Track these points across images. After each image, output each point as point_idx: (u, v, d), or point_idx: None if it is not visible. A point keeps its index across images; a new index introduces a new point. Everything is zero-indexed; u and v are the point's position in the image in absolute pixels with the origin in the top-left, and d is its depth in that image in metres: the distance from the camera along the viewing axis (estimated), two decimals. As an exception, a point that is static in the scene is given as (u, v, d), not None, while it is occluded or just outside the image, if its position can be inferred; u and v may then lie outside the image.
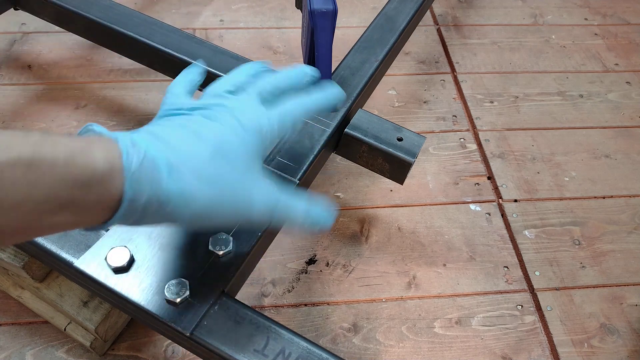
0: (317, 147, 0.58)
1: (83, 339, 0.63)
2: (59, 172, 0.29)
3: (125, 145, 0.33)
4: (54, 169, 0.29)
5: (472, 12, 1.21)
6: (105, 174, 0.31)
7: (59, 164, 0.29)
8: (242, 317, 0.44)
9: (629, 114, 1.02)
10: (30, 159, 0.28)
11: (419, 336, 0.71)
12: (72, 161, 0.30)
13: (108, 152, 0.32)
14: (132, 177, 0.32)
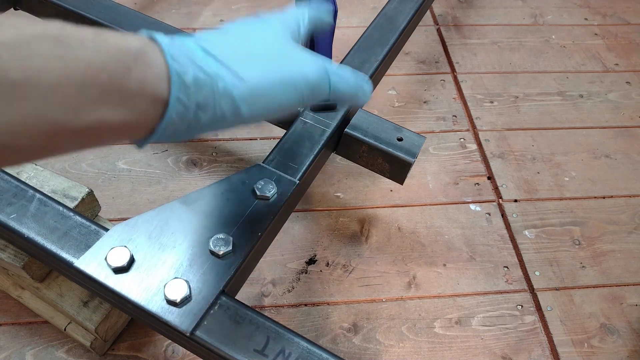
0: (317, 147, 0.58)
1: (83, 339, 0.63)
2: (90, 46, 0.27)
3: (149, 32, 0.31)
4: (83, 43, 0.27)
5: (472, 12, 1.21)
6: (139, 50, 0.29)
7: (88, 38, 0.27)
8: (242, 317, 0.44)
9: (629, 114, 1.02)
10: (58, 34, 0.26)
11: (419, 336, 0.71)
12: (101, 37, 0.28)
13: (136, 35, 0.30)
14: (169, 51, 0.30)
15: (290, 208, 0.56)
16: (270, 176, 0.53)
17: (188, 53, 0.31)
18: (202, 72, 0.31)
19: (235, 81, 0.33)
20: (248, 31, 0.36)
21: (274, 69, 0.35)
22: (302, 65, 0.37)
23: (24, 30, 0.26)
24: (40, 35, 0.26)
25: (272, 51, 0.36)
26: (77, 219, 0.49)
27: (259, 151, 0.90)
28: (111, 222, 0.66)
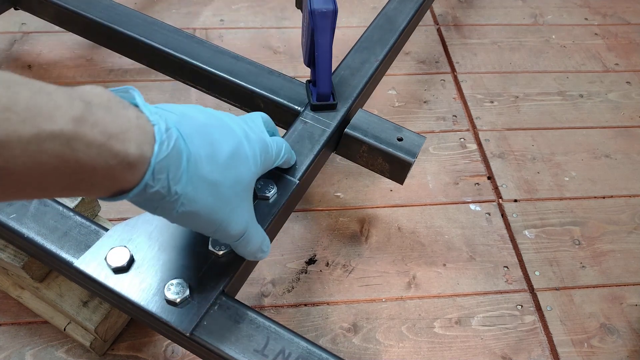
0: (317, 147, 0.58)
1: (83, 339, 0.63)
2: (93, 153, 0.30)
3: (160, 133, 0.33)
4: (89, 149, 0.30)
5: (472, 12, 1.21)
6: (132, 162, 0.32)
7: (95, 145, 0.30)
8: (242, 317, 0.44)
9: (629, 114, 1.02)
10: (71, 136, 0.29)
11: (419, 336, 0.71)
12: (107, 147, 0.30)
13: (142, 141, 0.32)
14: (155, 167, 0.33)
15: (290, 208, 0.56)
16: (270, 176, 0.53)
17: (173, 169, 0.34)
18: (165, 191, 0.35)
19: (183, 204, 0.36)
20: (244, 154, 0.41)
21: (219, 210, 0.39)
22: (238, 217, 0.41)
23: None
24: (54, 136, 0.29)
25: (235, 189, 0.40)
26: (77, 218, 0.49)
27: (259, 151, 0.90)
28: (111, 222, 0.66)
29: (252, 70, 0.66)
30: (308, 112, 0.61)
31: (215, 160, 0.38)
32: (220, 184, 0.38)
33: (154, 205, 0.36)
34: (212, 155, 0.37)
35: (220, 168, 0.38)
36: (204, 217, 0.38)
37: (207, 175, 0.37)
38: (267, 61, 1.04)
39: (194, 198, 0.36)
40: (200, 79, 0.68)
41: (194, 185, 0.36)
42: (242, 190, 0.40)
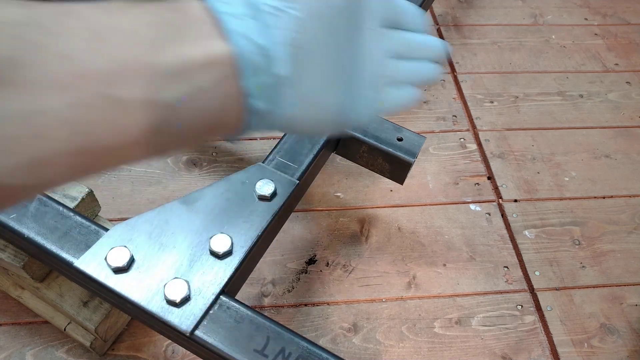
0: (317, 147, 0.58)
1: (83, 339, 0.63)
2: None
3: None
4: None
5: (472, 12, 1.21)
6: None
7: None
8: (242, 317, 0.44)
9: (629, 114, 1.02)
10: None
11: (419, 336, 0.71)
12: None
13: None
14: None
15: (290, 208, 0.56)
16: (270, 176, 0.53)
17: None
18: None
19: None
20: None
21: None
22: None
23: None
24: None
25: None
26: (77, 218, 0.49)
27: (259, 151, 0.90)
28: (111, 222, 0.66)
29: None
30: (308, 112, 0.61)
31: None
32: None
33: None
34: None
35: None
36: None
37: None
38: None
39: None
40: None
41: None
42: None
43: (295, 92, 0.28)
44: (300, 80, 0.28)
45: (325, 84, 0.30)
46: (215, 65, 0.25)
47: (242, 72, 0.26)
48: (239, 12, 0.26)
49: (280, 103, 0.28)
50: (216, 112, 0.26)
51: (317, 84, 0.29)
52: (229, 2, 0.26)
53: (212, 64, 0.25)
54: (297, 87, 0.28)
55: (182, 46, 0.24)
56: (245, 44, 0.26)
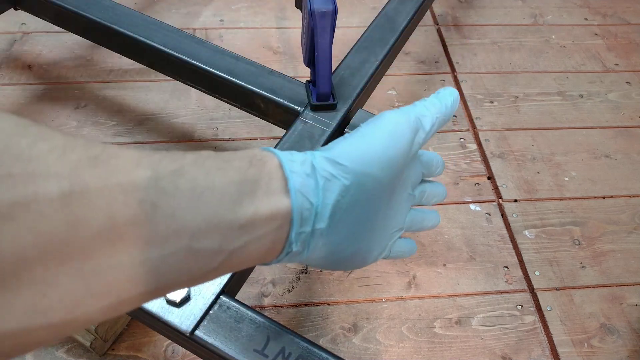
0: (317, 147, 0.58)
1: (83, 339, 0.63)
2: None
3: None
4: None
5: (472, 12, 1.21)
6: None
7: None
8: (242, 317, 0.44)
9: (629, 114, 1.02)
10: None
11: (419, 336, 0.71)
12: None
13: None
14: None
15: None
16: None
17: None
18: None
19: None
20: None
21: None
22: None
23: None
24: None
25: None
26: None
27: (259, 151, 0.90)
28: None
29: (252, 70, 0.66)
30: (308, 112, 0.61)
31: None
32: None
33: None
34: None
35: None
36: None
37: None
38: (267, 61, 1.04)
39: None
40: (200, 79, 0.68)
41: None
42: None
43: (325, 241, 0.33)
44: (331, 234, 0.33)
45: (352, 237, 0.35)
46: (276, 218, 0.29)
47: (293, 223, 0.30)
48: (301, 172, 0.31)
49: (311, 248, 0.33)
50: (263, 252, 0.30)
51: (344, 238, 0.34)
52: (294, 161, 0.31)
53: (275, 217, 0.29)
54: (328, 238, 0.33)
55: (255, 201, 0.28)
56: (301, 201, 0.30)
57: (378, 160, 0.34)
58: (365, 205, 0.35)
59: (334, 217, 0.33)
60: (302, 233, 0.31)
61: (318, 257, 0.34)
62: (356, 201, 0.34)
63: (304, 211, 0.31)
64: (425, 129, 0.37)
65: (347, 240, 0.35)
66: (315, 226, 0.32)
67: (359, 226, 0.35)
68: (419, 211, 0.44)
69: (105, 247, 0.22)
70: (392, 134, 0.35)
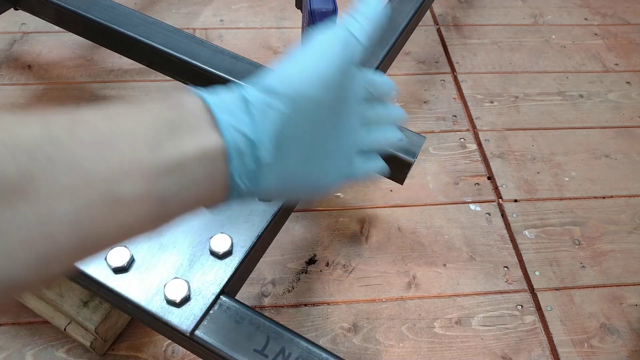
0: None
1: (83, 339, 0.63)
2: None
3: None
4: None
5: (472, 12, 1.21)
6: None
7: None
8: (242, 317, 0.44)
9: (629, 114, 1.02)
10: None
11: (419, 336, 0.71)
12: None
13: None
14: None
15: (290, 208, 0.56)
16: None
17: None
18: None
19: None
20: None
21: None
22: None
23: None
24: None
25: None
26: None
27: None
28: (111, 222, 0.66)
29: (252, 70, 0.66)
30: (308, 112, 0.61)
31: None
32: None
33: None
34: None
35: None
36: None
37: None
38: (267, 61, 1.04)
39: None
40: (200, 79, 0.68)
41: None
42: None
43: (277, 174, 0.32)
44: (280, 164, 0.32)
45: (303, 164, 0.34)
46: (208, 156, 0.28)
47: (230, 159, 0.29)
48: (230, 107, 0.30)
49: (260, 182, 0.32)
50: (203, 193, 0.29)
51: (295, 165, 0.34)
52: (221, 97, 0.30)
53: (205, 156, 0.28)
54: (276, 170, 0.32)
55: (179, 142, 0.27)
56: (235, 135, 0.29)
57: (313, 80, 0.33)
58: (309, 129, 0.33)
59: (280, 147, 0.32)
60: (246, 168, 0.30)
61: (273, 191, 0.33)
62: (300, 127, 0.33)
63: (240, 145, 0.30)
64: (359, 42, 0.36)
65: (300, 168, 0.34)
66: (260, 160, 0.31)
67: (309, 152, 0.34)
68: (377, 130, 0.42)
69: (3, 205, 0.22)
70: (323, 52, 0.34)
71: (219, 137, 0.29)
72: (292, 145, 0.33)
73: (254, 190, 0.32)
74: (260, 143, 0.31)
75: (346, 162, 0.39)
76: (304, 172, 0.35)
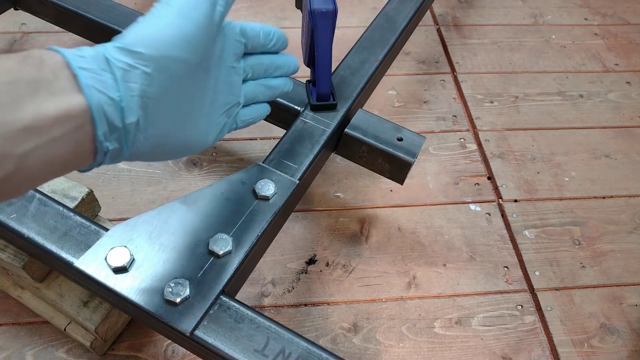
0: (317, 147, 0.58)
1: (83, 339, 0.63)
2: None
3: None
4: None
5: (472, 12, 1.21)
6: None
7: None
8: (242, 317, 0.44)
9: (629, 114, 1.02)
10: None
11: (419, 336, 0.71)
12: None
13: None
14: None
15: (290, 208, 0.56)
16: (270, 176, 0.53)
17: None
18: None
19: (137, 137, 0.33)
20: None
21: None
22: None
23: None
24: None
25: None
26: (77, 219, 0.49)
27: (259, 151, 0.90)
28: (111, 222, 0.66)
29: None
30: (308, 112, 0.61)
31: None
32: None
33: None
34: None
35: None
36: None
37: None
38: (267, 61, 1.04)
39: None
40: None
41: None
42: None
43: (147, 134, 0.32)
44: (149, 124, 0.32)
45: (175, 123, 0.34)
46: (70, 118, 0.28)
47: (94, 121, 0.29)
48: (93, 67, 0.29)
49: (129, 144, 0.32)
50: (68, 155, 0.29)
51: (167, 125, 0.33)
52: (84, 57, 0.29)
53: (67, 117, 0.28)
54: (146, 130, 0.32)
55: (38, 102, 0.27)
56: (98, 97, 0.29)
57: (176, 40, 0.32)
58: (178, 89, 0.33)
59: (147, 108, 0.31)
60: (114, 130, 0.30)
61: (145, 152, 0.33)
62: (166, 87, 0.32)
63: (106, 107, 0.29)
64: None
65: (173, 128, 0.34)
66: (125, 121, 0.30)
67: (180, 111, 0.34)
68: (258, 82, 0.44)
69: None
70: (185, 11, 0.33)
71: (82, 98, 0.28)
72: (161, 107, 0.32)
73: (124, 151, 0.32)
74: (125, 103, 0.30)
75: (225, 116, 0.40)
76: (177, 131, 0.35)
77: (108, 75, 0.30)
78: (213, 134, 0.40)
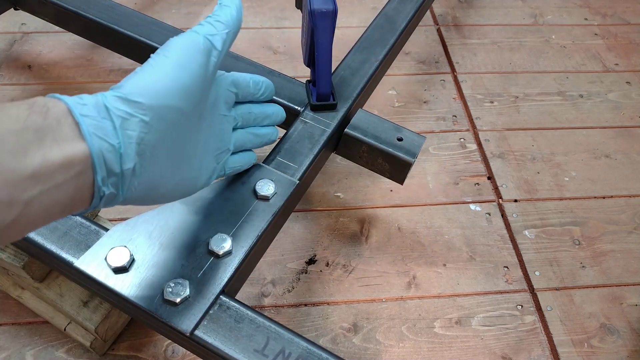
0: (317, 147, 0.58)
1: (83, 339, 0.63)
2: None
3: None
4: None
5: (472, 12, 1.21)
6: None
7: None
8: (242, 317, 0.44)
9: (629, 114, 1.02)
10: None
11: (419, 336, 0.71)
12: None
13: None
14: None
15: (290, 208, 0.56)
16: (270, 176, 0.53)
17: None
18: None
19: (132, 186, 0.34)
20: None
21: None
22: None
23: None
24: None
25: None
26: (77, 218, 0.49)
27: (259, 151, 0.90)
28: (111, 222, 0.66)
29: (252, 70, 0.66)
30: (308, 112, 0.61)
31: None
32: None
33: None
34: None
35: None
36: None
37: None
38: (267, 61, 1.04)
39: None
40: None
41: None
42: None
43: (141, 179, 0.34)
44: (145, 170, 0.33)
45: (170, 169, 0.36)
46: (73, 164, 0.29)
47: (95, 167, 0.30)
48: (94, 114, 0.31)
49: (125, 189, 0.33)
50: (67, 200, 0.30)
51: (162, 171, 0.35)
52: (85, 104, 0.31)
53: (70, 163, 0.29)
54: (143, 176, 0.33)
55: (44, 150, 0.28)
56: (99, 143, 0.30)
57: (173, 90, 0.34)
58: (173, 136, 0.35)
59: (144, 155, 0.33)
60: (111, 176, 0.31)
61: (138, 197, 0.35)
62: (162, 135, 0.34)
63: (106, 153, 0.30)
64: (217, 48, 0.37)
65: (165, 174, 0.35)
66: (123, 167, 0.32)
67: (174, 158, 0.36)
68: (247, 131, 0.47)
69: None
70: (183, 62, 0.35)
71: (84, 145, 0.30)
72: (156, 154, 0.34)
73: (119, 196, 0.33)
74: (124, 150, 0.32)
75: (215, 162, 0.42)
76: (170, 176, 0.36)
77: (108, 123, 0.31)
78: (203, 179, 0.42)
